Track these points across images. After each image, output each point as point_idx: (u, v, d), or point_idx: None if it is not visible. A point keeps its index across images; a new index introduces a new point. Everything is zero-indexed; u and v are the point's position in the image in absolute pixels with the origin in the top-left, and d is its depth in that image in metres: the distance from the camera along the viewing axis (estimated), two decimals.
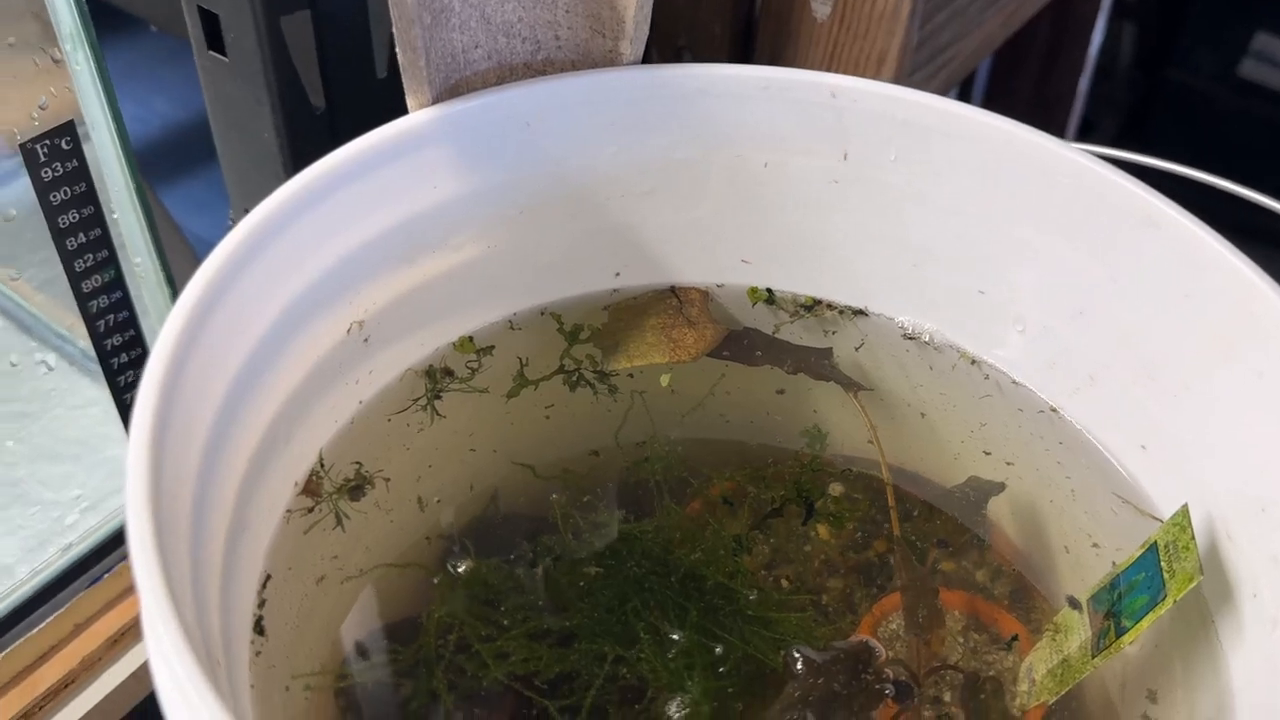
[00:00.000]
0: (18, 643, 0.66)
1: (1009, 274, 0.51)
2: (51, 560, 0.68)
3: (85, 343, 0.79)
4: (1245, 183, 0.53)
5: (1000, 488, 0.52)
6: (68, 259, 0.57)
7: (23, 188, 0.56)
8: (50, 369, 0.79)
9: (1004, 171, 0.49)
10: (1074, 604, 0.47)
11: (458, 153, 0.47)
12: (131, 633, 0.69)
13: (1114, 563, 0.47)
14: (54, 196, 0.55)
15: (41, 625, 0.67)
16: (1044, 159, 0.48)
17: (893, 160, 0.51)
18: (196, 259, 0.79)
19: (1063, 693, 0.45)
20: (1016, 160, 0.48)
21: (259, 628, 0.42)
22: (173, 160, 1.13)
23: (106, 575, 0.69)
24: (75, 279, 0.58)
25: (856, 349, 0.56)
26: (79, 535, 0.69)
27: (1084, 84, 1.16)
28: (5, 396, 0.78)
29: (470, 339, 0.54)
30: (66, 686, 0.67)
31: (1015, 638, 0.48)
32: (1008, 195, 0.49)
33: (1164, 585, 0.43)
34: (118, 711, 0.69)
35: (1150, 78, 1.40)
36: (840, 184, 0.52)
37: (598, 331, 0.56)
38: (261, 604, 0.43)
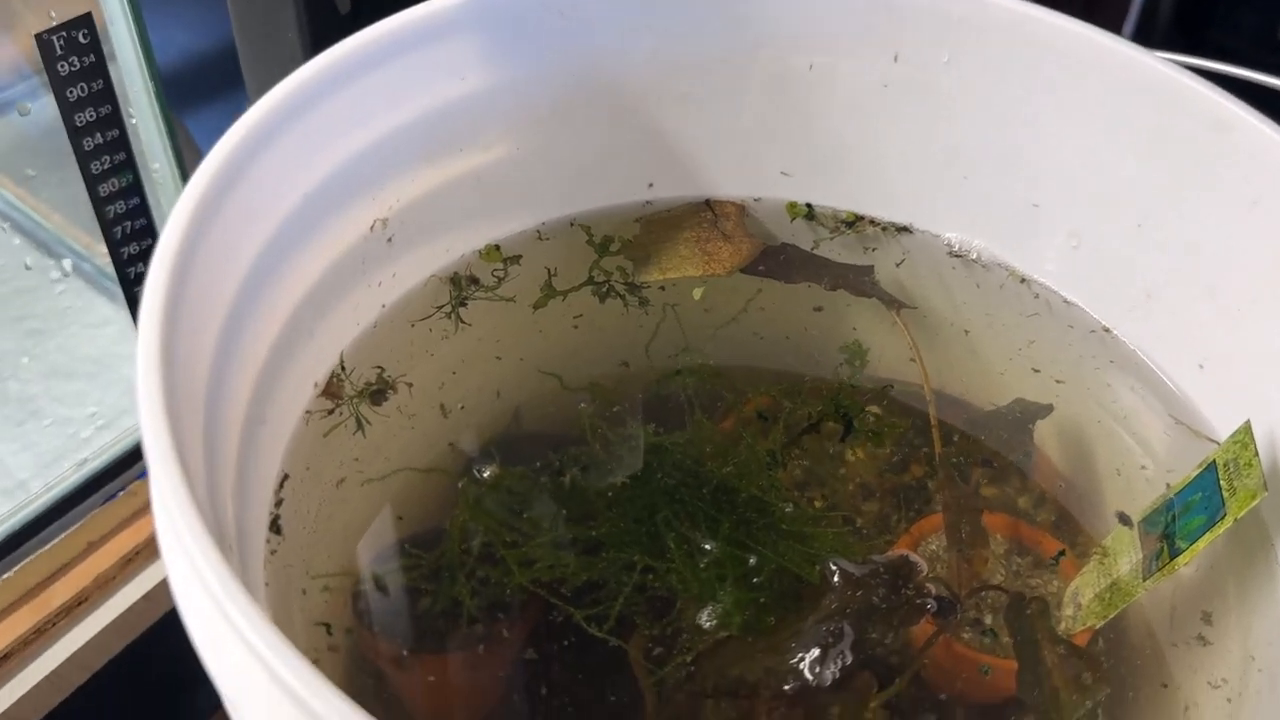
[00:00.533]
0: (31, 558, 0.65)
1: (1066, 185, 0.48)
2: (65, 476, 0.67)
3: (102, 260, 0.77)
4: None
5: (1048, 410, 0.50)
6: (84, 160, 0.55)
7: (47, 100, 0.54)
8: (66, 286, 0.77)
9: (1066, 74, 0.46)
10: (1124, 519, 0.45)
11: (488, 41, 0.45)
12: (146, 552, 0.68)
13: (1167, 485, 0.45)
14: (70, 93, 0.53)
15: (55, 541, 0.66)
16: (1110, 61, 0.45)
17: (946, 62, 0.48)
18: None
19: (1111, 616, 0.43)
20: (1080, 62, 0.46)
21: (275, 527, 0.40)
22: (193, 90, 1.12)
23: (121, 493, 0.67)
24: (92, 182, 0.57)
25: (898, 266, 0.54)
26: (94, 451, 0.68)
27: None
28: (21, 313, 0.77)
29: (497, 247, 0.52)
30: (80, 604, 0.66)
31: (1062, 553, 0.46)
32: (1069, 100, 0.47)
33: (1223, 504, 0.41)
34: (132, 630, 0.68)
35: (1190, 39, 1.35)
36: (890, 89, 0.49)
37: (629, 243, 0.54)
38: (279, 503, 0.41)
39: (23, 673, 0.64)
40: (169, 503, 0.28)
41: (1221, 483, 0.42)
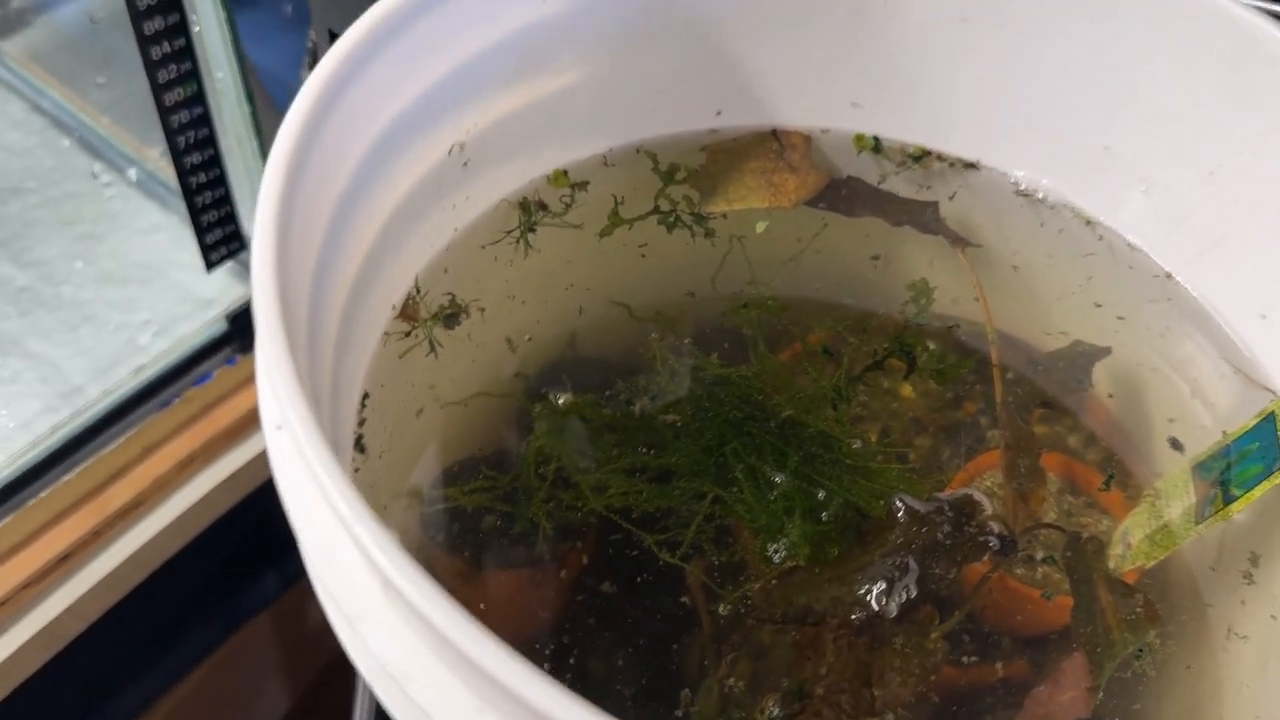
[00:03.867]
0: (89, 461, 0.67)
1: (1141, 128, 0.48)
2: (122, 382, 0.68)
3: (153, 165, 0.77)
4: None
5: (1106, 352, 0.50)
6: (152, 68, 0.55)
7: (117, 11, 0.54)
8: (116, 191, 0.78)
9: (1147, 15, 0.46)
10: (1176, 445, 0.46)
11: None
12: (201, 457, 0.69)
13: (1224, 432, 0.46)
14: (140, 1, 0.53)
15: (112, 445, 0.67)
16: (1193, 4, 0.45)
17: None
18: (264, 90, 0.77)
19: (1162, 558, 0.44)
20: (1162, 2, 0.45)
21: (359, 445, 0.41)
22: None
23: (176, 400, 0.69)
24: (159, 91, 0.57)
25: (962, 203, 0.54)
26: (149, 359, 0.69)
27: None
28: (72, 218, 0.77)
29: (565, 173, 0.52)
30: (137, 506, 0.68)
31: (1110, 479, 0.47)
32: (1149, 42, 0.46)
33: None
34: (187, 534, 0.70)
35: None
36: (969, 22, 0.49)
37: (694, 172, 0.54)
38: (361, 423, 0.42)
39: (83, 571, 0.66)
40: (289, 415, 0.28)
41: None
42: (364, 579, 0.27)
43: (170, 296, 0.73)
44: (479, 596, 0.44)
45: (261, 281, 0.31)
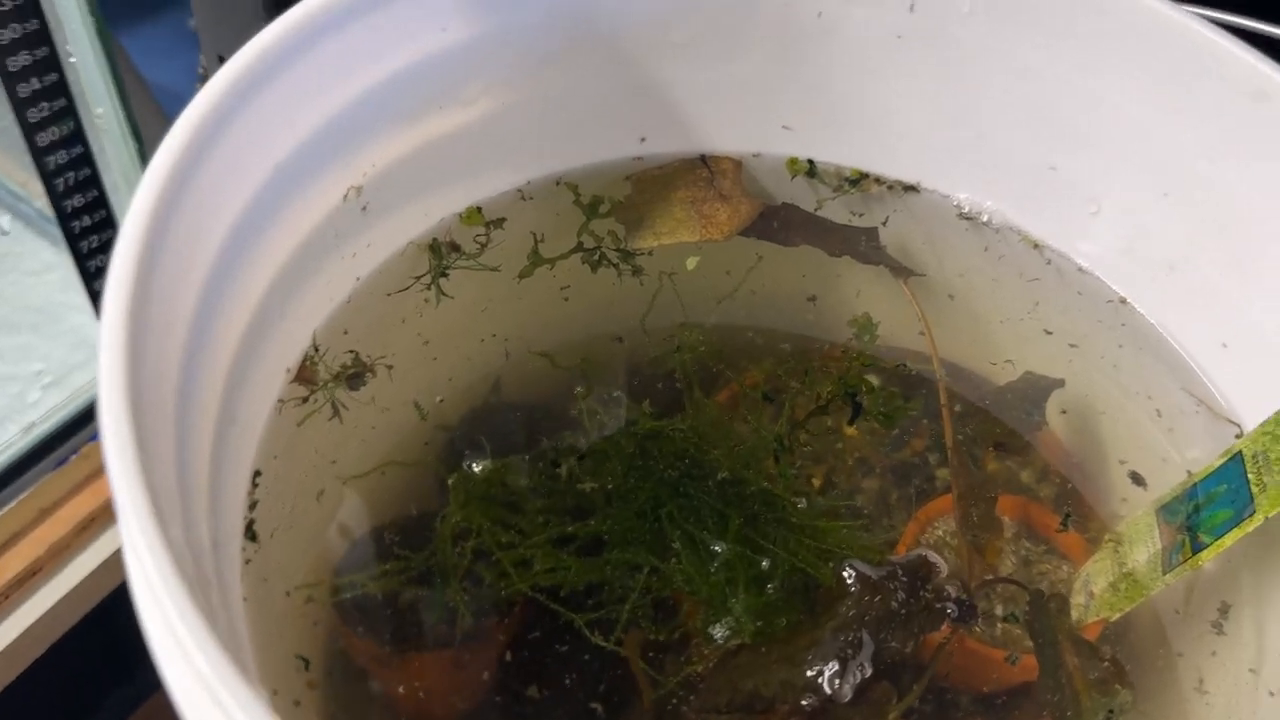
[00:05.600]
0: None
1: (1088, 148, 0.46)
2: (13, 441, 0.63)
3: (42, 202, 0.72)
4: None
5: (1060, 384, 0.48)
6: (20, 108, 0.50)
7: None
8: (4, 232, 0.72)
9: (1093, 30, 0.43)
10: (1138, 480, 0.43)
11: None
12: (101, 518, 0.64)
13: (1188, 471, 0.43)
14: (2, 35, 0.48)
15: (4, 510, 0.62)
16: (1143, 18, 0.42)
17: (967, 13, 0.44)
18: (162, 111, 0.72)
19: (1128, 609, 0.41)
20: (1109, 17, 0.42)
21: (250, 532, 0.37)
22: (132, 1, 1.04)
23: (73, 457, 0.64)
24: (29, 131, 0.52)
25: (905, 228, 0.51)
26: (42, 414, 0.64)
27: None
28: None
29: (479, 210, 0.48)
30: (34, 575, 0.63)
31: (1069, 515, 0.44)
32: (1096, 58, 0.43)
33: (1252, 499, 0.39)
34: (89, 601, 0.65)
35: None
36: (904, 39, 0.46)
37: (619, 205, 0.50)
38: (253, 505, 0.38)
39: None
40: (142, 554, 0.24)
41: (1249, 475, 0.40)
42: None
43: (64, 342, 0.67)
44: (402, 680, 0.40)
45: (110, 375, 0.27)
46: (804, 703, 0.36)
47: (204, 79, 0.67)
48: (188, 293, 0.33)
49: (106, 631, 0.67)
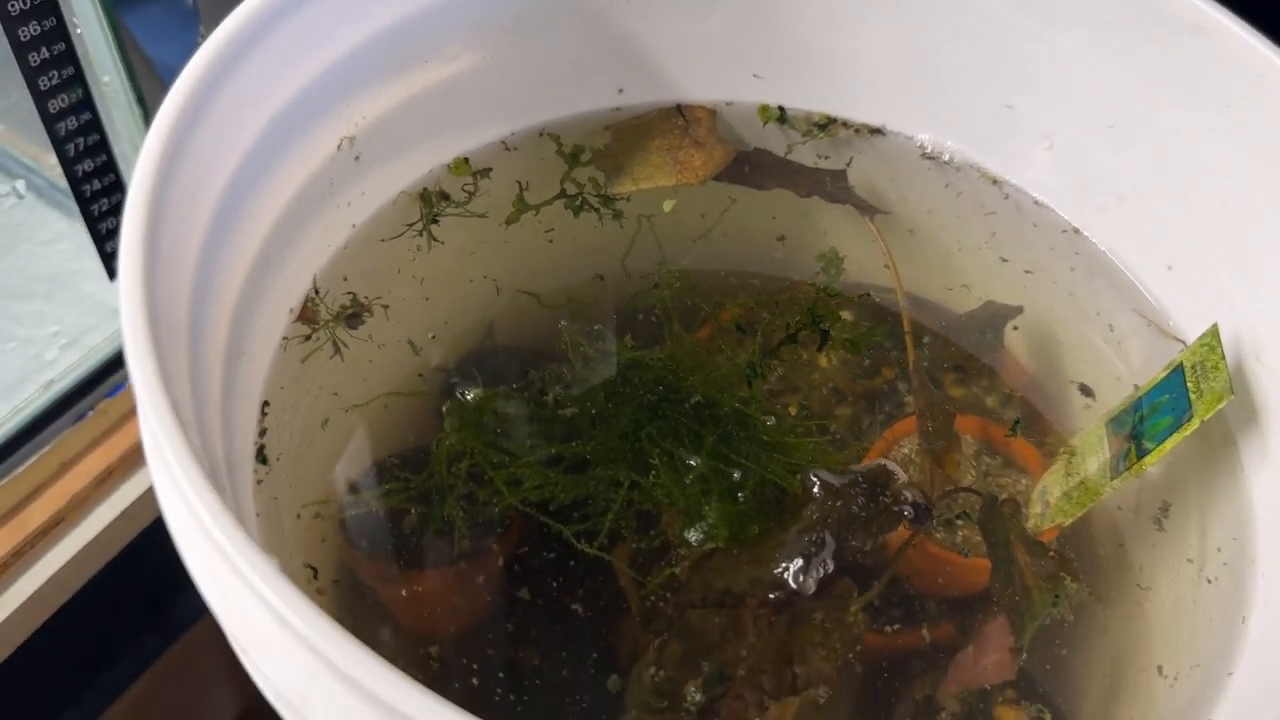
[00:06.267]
0: (3, 482, 0.65)
1: (1040, 86, 0.48)
2: (32, 398, 0.66)
3: (52, 173, 0.75)
4: None
5: (1018, 311, 0.51)
6: (31, 76, 0.53)
7: None
8: (19, 199, 0.75)
9: None
10: (1085, 391, 0.46)
11: None
12: (120, 470, 0.68)
13: (1135, 386, 0.46)
14: (12, 6, 0.51)
15: (27, 464, 0.65)
16: None
17: None
18: (165, 86, 0.75)
19: (1079, 514, 0.44)
20: None
21: (261, 456, 0.40)
22: None
23: (90, 413, 0.67)
24: (40, 99, 0.54)
25: (871, 169, 0.53)
26: (59, 372, 0.67)
27: None
28: None
29: (466, 160, 0.51)
30: (56, 525, 0.66)
31: (1018, 422, 0.47)
32: (1044, 2, 0.46)
33: (1190, 406, 0.42)
34: (110, 549, 0.68)
35: None
36: None
37: (599, 153, 0.53)
38: (263, 432, 0.41)
39: (3, 596, 0.64)
40: (163, 446, 0.27)
41: (1189, 385, 0.43)
42: (251, 608, 0.27)
43: (78, 308, 0.71)
44: (405, 597, 0.43)
45: (130, 304, 0.30)
46: (771, 596, 0.39)
47: None
48: (194, 236, 0.36)
49: (129, 579, 0.70)
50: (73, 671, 0.73)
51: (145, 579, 0.74)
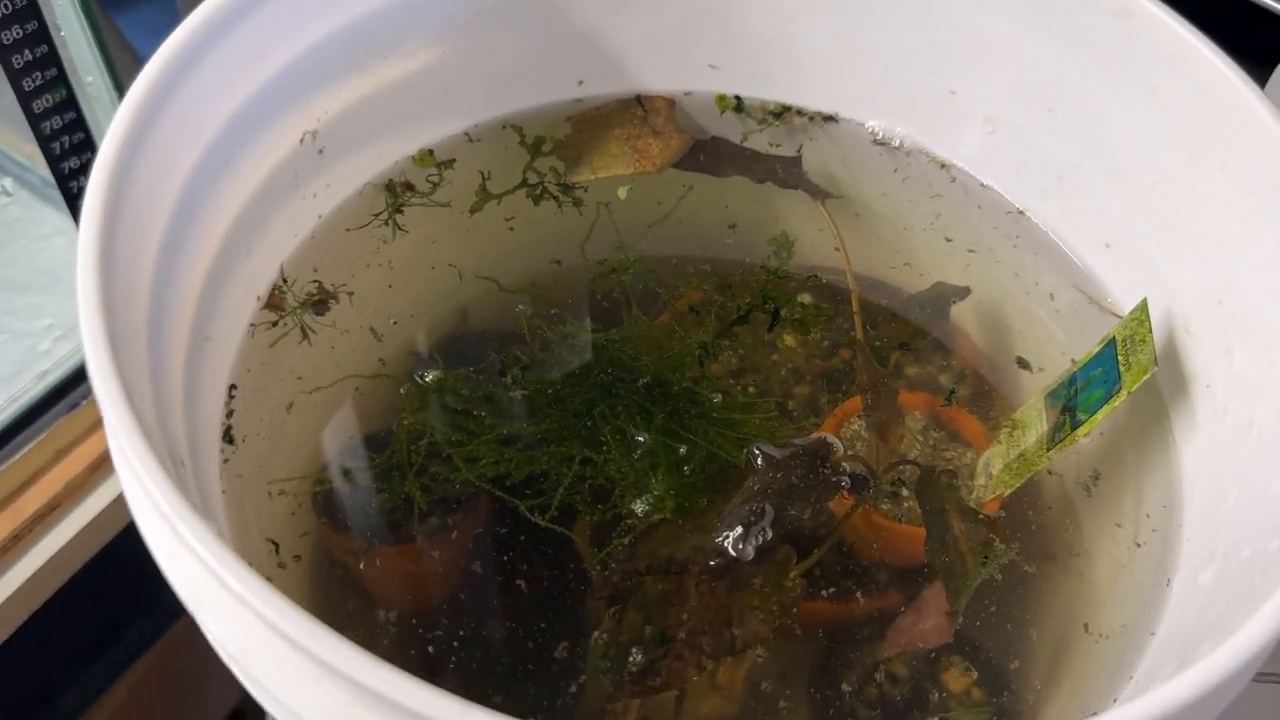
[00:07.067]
0: (1, 468, 0.67)
1: (980, 73, 0.50)
2: (28, 388, 0.68)
3: (46, 171, 0.77)
4: None
5: (966, 292, 0.52)
6: (15, 78, 0.56)
7: None
8: (10, 198, 0.77)
9: None
10: (1022, 364, 0.48)
11: None
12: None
13: (1073, 360, 0.48)
14: None
15: (23, 451, 0.68)
16: None
17: None
18: None
19: (1018, 485, 0.46)
20: None
21: (228, 437, 0.43)
22: None
23: (84, 402, 0.69)
24: (25, 99, 0.57)
25: (825, 155, 0.55)
26: (53, 363, 0.69)
27: None
28: None
29: (430, 152, 0.53)
30: (53, 510, 0.68)
31: (953, 391, 0.49)
32: None
33: (1119, 379, 0.44)
34: (106, 533, 0.70)
35: None
36: None
37: (560, 143, 0.55)
38: (229, 414, 0.43)
39: (3, 578, 0.66)
40: (116, 429, 0.30)
41: (1119, 358, 0.45)
42: (195, 570, 0.29)
43: (72, 301, 0.72)
44: (372, 569, 0.45)
45: (86, 289, 0.32)
46: (712, 563, 0.41)
47: None
48: (156, 225, 0.38)
49: (125, 562, 0.73)
50: (73, 652, 0.76)
51: (142, 561, 0.76)
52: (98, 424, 0.70)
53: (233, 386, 0.44)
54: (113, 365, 0.30)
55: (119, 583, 0.76)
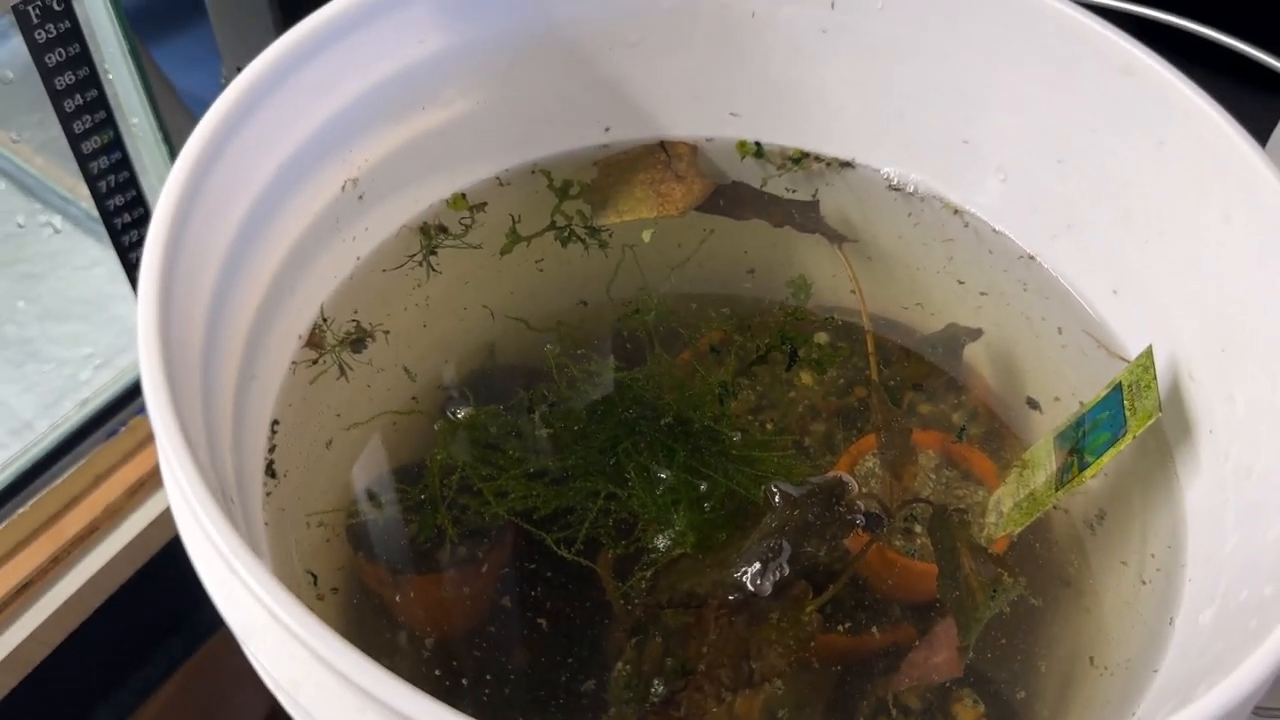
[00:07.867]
0: (42, 493, 0.69)
1: (992, 122, 0.52)
2: (69, 415, 0.71)
3: (87, 204, 0.80)
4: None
5: (978, 333, 0.54)
6: (66, 121, 0.58)
7: (18, 48, 0.57)
8: (55, 231, 0.80)
9: (988, 19, 0.49)
10: (1032, 404, 0.50)
11: (445, 6, 0.48)
12: (150, 482, 0.72)
13: (1081, 403, 0.50)
14: (49, 59, 0.56)
15: (64, 477, 0.70)
16: (1027, 5, 0.48)
17: (880, 9, 0.51)
18: (191, 116, 0.80)
19: (1027, 524, 0.47)
20: (1000, 6, 0.49)
21: (270, 471, 0.45)
22: (162, 15, 1.12)
23: (122, 429, 0.72)
24: (75, 141, 0.59)
25: (842, 200, 0.57)
26: (94, 391, 0.72)
27: None
28: (12, 258, 0.80)
29: (463, 196, 0.55)
30: (91, 533, 0.71)
31: (964, 429, 0.51)
32: (992, 43, 0.50)
33: (1125, 422, 0.46)
34: (142, 556, 0.73)
35: None
36: (828, 33, 0.52)
37: (587, 187, 0.57)
38: (272, 449, 0.45)
39: (43, 598, 0.69)
40: (175, 470, 0.32)
41: (1125, 402, 0.46)
42: (247, 603, 0.31)
43: (111, 330, 0.75)
44: (404, 599, 0.47)
45: (146, 335, 0.34)
46: (731, 597, 0.42)
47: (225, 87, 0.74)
48: (209, 268, 0.40)
49: (159, 584, 0.75)
50: (107, 671, 0.78)
51: (175, 583, 0.78)
52: (135, 450, 0.72)
53: (275, 422, 0.46)
54: (173, 411, 0.32)
55: (153, 603, 0.78)
